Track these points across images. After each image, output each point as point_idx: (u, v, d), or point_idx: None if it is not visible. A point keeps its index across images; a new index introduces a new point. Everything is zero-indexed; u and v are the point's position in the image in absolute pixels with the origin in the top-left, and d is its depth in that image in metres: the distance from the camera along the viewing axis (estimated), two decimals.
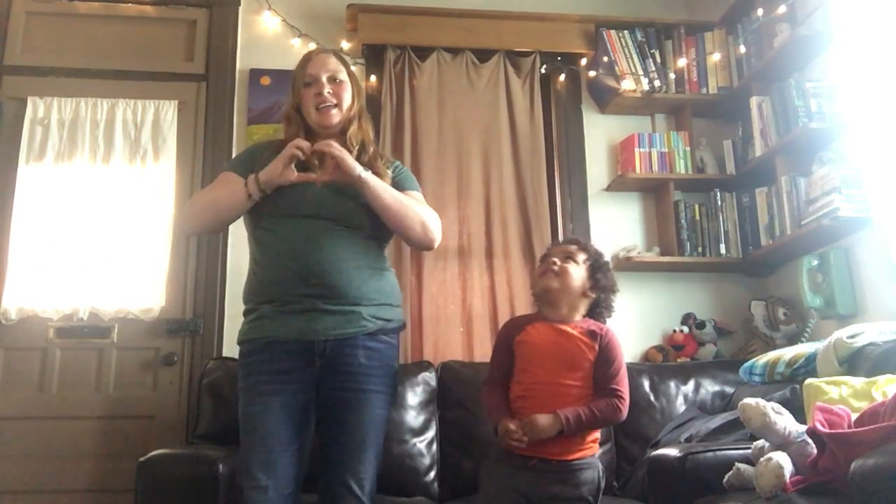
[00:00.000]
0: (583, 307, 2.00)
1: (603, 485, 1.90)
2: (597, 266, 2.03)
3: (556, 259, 1.99)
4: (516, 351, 1.95)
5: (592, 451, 1.91)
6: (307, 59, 2.04)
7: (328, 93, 1.96)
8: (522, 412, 1.85)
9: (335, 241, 1.84)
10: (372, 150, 2.01)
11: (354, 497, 1.76)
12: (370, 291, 1.85)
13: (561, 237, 3.30)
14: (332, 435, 1.80)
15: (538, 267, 2.08)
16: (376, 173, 1.92)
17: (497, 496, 1.85)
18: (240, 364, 1.90)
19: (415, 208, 1.93)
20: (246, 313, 1.92)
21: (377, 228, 1.92)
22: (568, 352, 1.90)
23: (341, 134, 1.99)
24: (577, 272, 1.99)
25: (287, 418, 1.78)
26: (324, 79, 1.97)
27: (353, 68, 2.12)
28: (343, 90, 1.99)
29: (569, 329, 1.94)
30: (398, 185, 1.99)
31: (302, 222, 1.84)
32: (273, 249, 1.85)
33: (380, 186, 1.88)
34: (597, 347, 1.91)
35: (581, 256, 2.02)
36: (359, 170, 1.85)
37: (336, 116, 1.97)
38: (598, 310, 2.03)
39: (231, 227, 2.26)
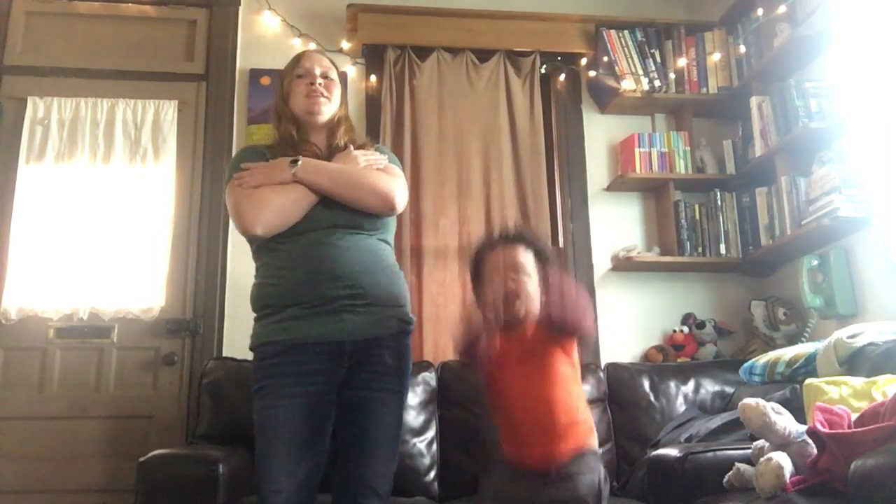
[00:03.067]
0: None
1: (606, 492, 1.84)
2: (541, 254, 1.81)
3: (510, 281, 1.75)
4: (491, 375, 1.80)
5: (586, 444, 1.74)
6: (301, 55, 2.06)
7: (319, 84, 1.96)
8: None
9: (357, 244, 1.85)
10: (357, 144, 2.00)
11: (377, 496, 1.76)
12: (395, 293, 1.87)
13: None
14: (353, 434, 1.80)
15: (488, 286, 1.78)
16: None
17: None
18: (258, 366, 1.84)
19: (359, 178, 1.87)
20: (264, 317, 1.86)
21: (385, 230, 1.94)
22: (541, 366, 1.75)
23: (330, 135, 1.99)
24: (534, 282, 1.78)
25: (310, 421, 1.76)
26: (317, 72, 1.98)
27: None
28: (333, 87, 2.00)
29: (527, 336, 1.77)
30: None
31: (320, 233, 1.84)
32: (296, 255, 1.83)
33: (312, 173, 1.84)
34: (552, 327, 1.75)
35: (529, 257, 1.79)
36: (288, 172, 1.83)
37: (325, 105, 1.97)
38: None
39: (230, 228, 2.26)
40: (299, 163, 1.84)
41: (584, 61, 3.43)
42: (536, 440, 1.73)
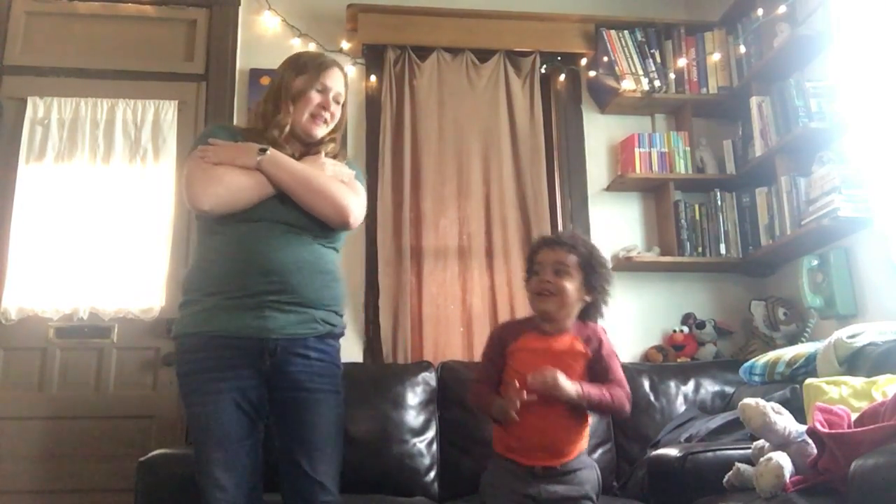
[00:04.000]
0: (577, 311, 1.92)
1: (601, 483, 1.90)
2: (590, 267, 1.91)
3: (548, 278, 1.88)
4: (510, 357, 1.91)
5: (584, 446, 1.91)
6: (327, 65, 1.99)
7: (330, 112, 1.96)
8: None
9: (296, 243, 1.82)
10: (329, 153, 1.99)
11: (324, 490, 1.76)
12: (326, 297, 1.84)
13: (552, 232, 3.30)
14: (292, 436, 1.79)
15: (530, 280, 1.94)
16: None
17: (505, 501, 1.84)
18: (180, 360, 1.84)
19: (321, 185, 1.85)
20: (184, 305, 1.85)
21: (335, 239, 1.92)
22: (560, 365, 1.83)
23: (316, 143, 1.99)
24: (572, 285, 1.88)
25: (241, 414, 1.76)
26: (331, 96, 1.96)
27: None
28: (338, 112, 2.00)
29: (562, 342, 1.89)
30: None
31: (264, 225, 1.82)
32: (233, 244, 1.81)
33: (276, 167, 1.82)
34: (589, 352, 1.88)
35: (573, 261, 1.89)
36: (254, 158, 1.81)
37: (322, 131, 1.97)
38: (592, 311, 1.94)
39: None
40: (267, 153, 1.83)
41: (584, 61, 3.43)
42: (544, 450, 1.84)
